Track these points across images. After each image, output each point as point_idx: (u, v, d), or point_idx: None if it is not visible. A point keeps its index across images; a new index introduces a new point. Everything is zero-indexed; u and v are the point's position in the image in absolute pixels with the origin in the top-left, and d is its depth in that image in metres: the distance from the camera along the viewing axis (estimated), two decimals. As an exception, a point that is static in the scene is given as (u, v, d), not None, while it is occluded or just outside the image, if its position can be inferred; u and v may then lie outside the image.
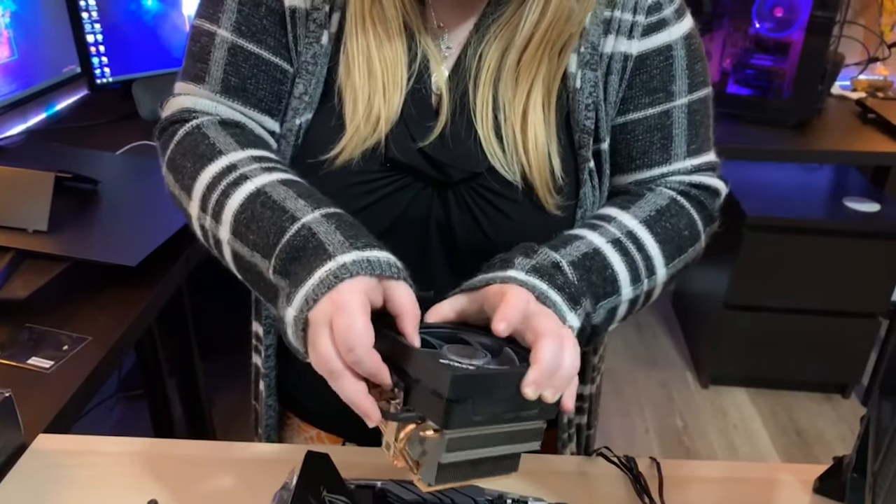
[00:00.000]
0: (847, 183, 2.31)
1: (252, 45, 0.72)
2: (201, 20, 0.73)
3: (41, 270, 1.09)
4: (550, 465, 0.78)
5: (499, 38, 0.71)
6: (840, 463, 0.72)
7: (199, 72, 0.73)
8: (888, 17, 2.29)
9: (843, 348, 2.22)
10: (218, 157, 0.67)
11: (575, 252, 0.66)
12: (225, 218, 0.64)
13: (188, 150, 0.70)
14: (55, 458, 0.76)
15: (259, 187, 0.63)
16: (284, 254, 0.58)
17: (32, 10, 1.68)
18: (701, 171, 0.77)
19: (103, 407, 2.04)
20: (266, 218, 0.61)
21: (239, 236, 0.63)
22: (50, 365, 0.95)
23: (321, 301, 0.54)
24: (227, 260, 0.66)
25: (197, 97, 0.73)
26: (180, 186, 0.69)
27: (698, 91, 0.76)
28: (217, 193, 0.65)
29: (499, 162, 0.71)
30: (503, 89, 0.71)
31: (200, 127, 0.71)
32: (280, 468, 0.70)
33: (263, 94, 0.73)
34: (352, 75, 0.70)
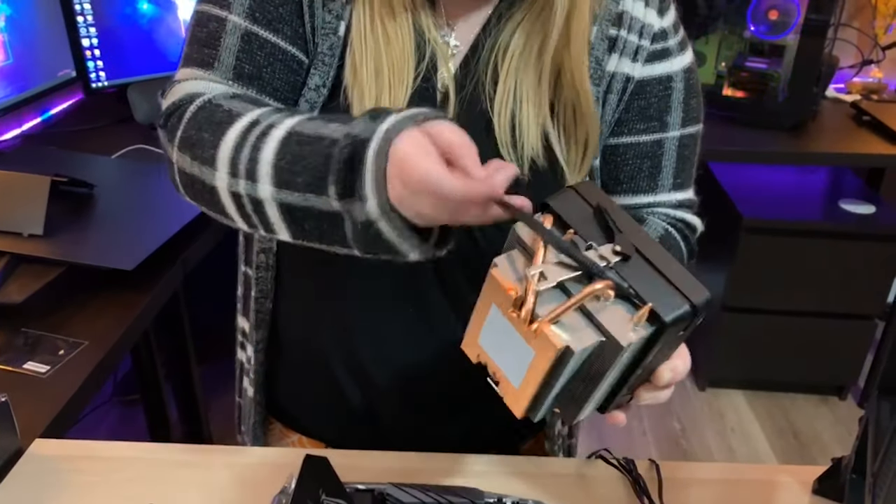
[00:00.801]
0: (842, 185, 2.32)
1: (268, 33, 0.69)
2: (208, 5, 0.70)
3: (37, 275, 1.09)
4: (549, 468, 0.78)
5: (521, 27, 0.70)
6: (839, 464, 0.72)
7: (206, 57, 0.69)
8: (882, 19, 2.30)
9: (840, 350, 2.22)
10: (237, 119, 0.62)
11: None
12: (262, 172, 0.58)
13: (203, 123, 0.64)
14: (52, 462, 0.76)
15: (289, 130, 0.59)
16: (340, 173, 0.54)
17: (28, 13, 1.68)
18: (683, 206, 0.79)
19: (99, 412, 2.03)
20: (307, 153, 0.57)
21: (284, 185, 0.58)
22: (46, 370, 0.95)
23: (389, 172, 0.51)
24: (272, 220, 0.60)
25: (207, 81, 0.69)
26: (200, 161, 0.63)
27: (691, 126, 0.76)
28: (247, 150, 0.59)
29: (508, 154, 0.70)
30: (525, 78, 0.70)
31: (212, 100, 0.65)
32: (278, 472, 0.70)
33: (280, 84, 0.70)
34: (359, 75, 0.69)
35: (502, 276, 0.45)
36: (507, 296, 0.44)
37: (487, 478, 0.75)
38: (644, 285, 0.45)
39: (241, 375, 0.89)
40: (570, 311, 0.43)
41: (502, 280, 0.45)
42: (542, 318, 0.43)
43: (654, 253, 0.47)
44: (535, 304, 0.43)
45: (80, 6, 1.74)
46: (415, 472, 0.75)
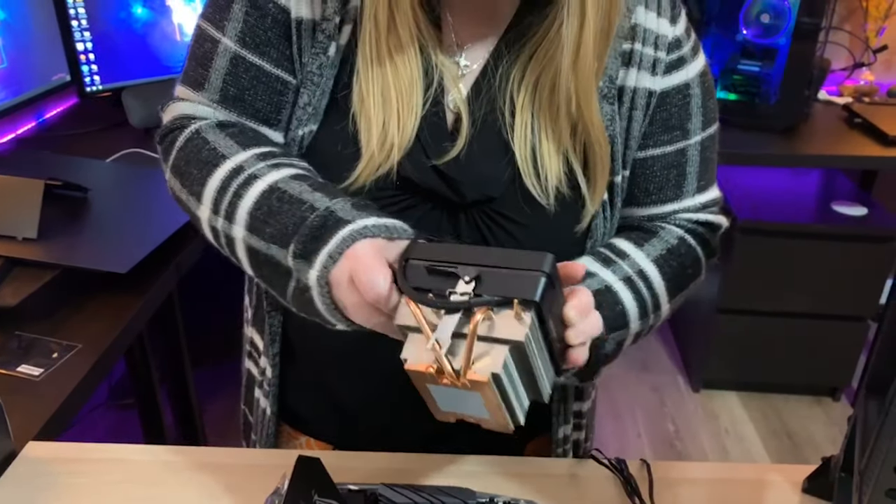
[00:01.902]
0: (835, 187, 2.33)
1: (254, 57, 0.71)
2: (207, 24, 0.72)
3: (31, 278, 1.09)
4: (541, 468, 0.78)
5: (533, 60, 0.69)
6: (828, 463, 0.73)
7: (199, 77, 0.72)
8: (873, 22, 2.32)
9: (833, 351, 2.23)
10: (222, 161, 0.68)
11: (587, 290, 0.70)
12: (239, 216, 0.65)
13: (191, 157, 0.70)
14: (45, 465, 0.76)
15: (271, 184, 0.65)
16: (305, 237, 0.60)
17: (22, 18, 1.68)
18: (707, 208, 0.80)
19: (94, 416, 2.03)
20: (284, 211, 0.63)
21: (255, 231, 0.64)
22: (39, 373, 0.95)
23: (340, 261, 0.57)
24: (239, 256, 0.67)
25: (195, 104, 0.73)
26: (188, 192, 0.70)
27: (710, 127, 0.77)
28: (229, 195, 0.66)
29: (534, 186, 0.70)
30: (542, 113, 0.70)
31: (199, 132, 0.71)
32: (271, 473, 0.70)
33: (261, 105, 0.73)
34: (366, 104, 0.69)
35: (415, 364, 0.52)
36: (430, 375, 0.51)
37: (479, 478, 0.75)
38: (503, 286, 0.51)
39: (252, 386, 0.89)
40: (473, 347, 0.50)
41: (417, 367, 0.51)
42: (462, 369, 0.50)
43: (492, 256, 0.53)
44: (450, 365, 0.50)
45: (74, 10, 1.74)
46: (407, 473, 0.75)
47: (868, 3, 2.30)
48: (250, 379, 0.90)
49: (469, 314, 0.51)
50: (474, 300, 0.51)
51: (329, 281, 0.58)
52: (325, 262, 0.58)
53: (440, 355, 0.50)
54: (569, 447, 0.86)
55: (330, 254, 0.58)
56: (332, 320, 0.61)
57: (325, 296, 0.59)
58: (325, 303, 0.59)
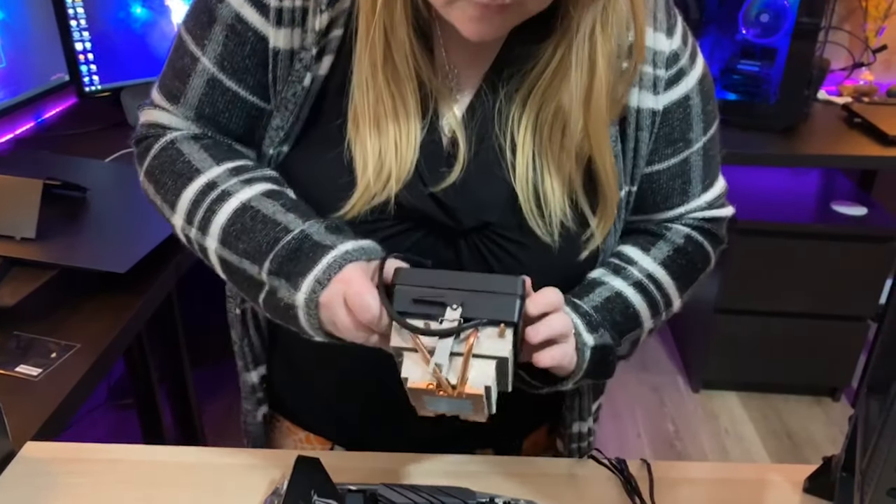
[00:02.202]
0: (834, 187, 2.33)
1: (231, 83, 0.72)
2: (188, 36, 0.72)
3: (29, 278, 1.08)
4: (541, 468, 0.78)
5: (532, 97, 0.68)
6: (829, 462, 0.72)
7: (176, 91, 0.73)
8: (872, 22, 2.31)
9: (833, 351, 2.23)
10: (196, 175, 0.70)
11: (597, 298, 0.72)
12: (212, 230, 0.68)
13: (166, 167, 0.72)
14: (44, 465, 0.75)
15: (244, 202, 0.68)
16: (280, 257, 0.64)
17: (21, 17, 1.68)
18: (712, 205, 0.80)
19: (93, 417, 2.03)
20: (258, 230, 0.66)
21: (228, 245, 0.68)
22: (38, 373, 0.95)
23: (330, 285, 0.61)
24: (211, 262, 0.71)
25: (171, 115, 0.74)
26: (162, 199, 0.73)
27: (710, 129, 0.77)
28: (202, 210, 0.69)
29: (537, 225, 0.70)
30: (544, 151, 0.69)
31: (174, 143, 0.73)
32: (271, 473, 0.70)
33: (235, 127, 0.74)
34: (361, 133, 0.68)
35: (416, 383, 0.58)
36: (429, 390, 0.58)
37: (479, 478, 0.75)
38: (485, 309, 0.59)
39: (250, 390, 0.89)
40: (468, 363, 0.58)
41: (419, 385, 0.58)
42: (459, 383, 0.57)
43: (471, 281, 0.60)
44: (448, 381, 0.57)
45: (73, 10, 1.74)
46: (407, 473, 0.75)
47: (867, 3, 2.30)
48: (246, 384, 0.89)
49: (458, 336, 0.58)
50: (465, 325, 0.58)
51: (319, 303, 0.62)
52: (314, 287, 0.62)
53: (441, 377, 0.57)
54: (585, 444, 0.86)
55: (318, 279, 0.62)
56: (312, 335, 0.65)
57: (313, 316, 0.62)
58: (310, 322, 0.63)
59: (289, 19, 0.68)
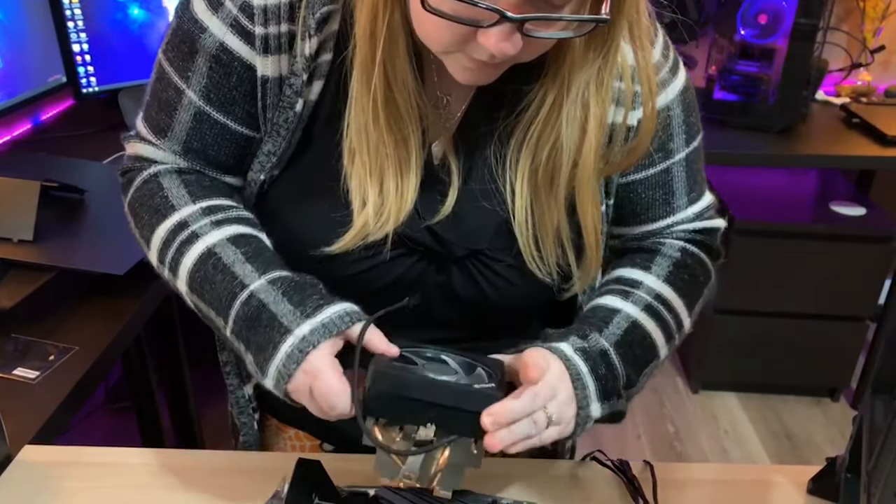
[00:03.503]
0: (833, 187, 2.33)
1: (219, 115, 0.70)
2: (171, 68, 0.70)
3: (27, 280, 1.08)
4: (544, 470, 0.78)
5: (528, 145, 0.68)
6: (833, 464, 0.72)
7: (162, 124, 0.72)
8: (870, 23, 2.32)
9: (832, 352, 2.23)
10: (170, 212, 0.70)
11: (617, 330, 0.71)
12: (181, 274, 0.69)
13: (145, 201, 0.72)
14: (41, 469, 0.75)
15: (209, 247, 0.67)
16: (240, 321, 0.65)
17: (17, 19, 1.67)
18: (701, 217, 0.79)
19: (91, 420, 2.02)
20: (218, 281, 0.66)
21: (195, 292, 0.68)
22: (36, 375, 0.94)
23: (295, 375, 0.61)
24: (187, 305, 0.71)
25: (157, 149, 0.73)
26: (139, 234, 0.73)
27: (694, 141, 0.76)
28: (172, 251, 0.69)
29: (537, 268, 0.70)
30: (540, 199, 0.69)
31: (157, 176, 0.73)
32: (271, 477, 0.69)
33: (225, 158, 0.73)
34: (358, 169, 0.66)
35: (388, 481, 0.61)
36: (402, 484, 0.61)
37: (481, 480, 0.74)
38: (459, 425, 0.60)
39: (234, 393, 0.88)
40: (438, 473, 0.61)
41: (392, 483, 0.61)
42: (429, 487, 0.61)
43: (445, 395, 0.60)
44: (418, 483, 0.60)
45: (70, 11, 1.73)
46: (409, 476, 0.75)
47: (865, 4, 2.30)
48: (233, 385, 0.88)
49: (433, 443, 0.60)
50: (437, 444, 0.60)
51: (287, 390, 0.62)
52: (277, 377, 0.62)
53: (412, 483, 0.60)
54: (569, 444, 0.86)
55: (279, 370, 0.61)
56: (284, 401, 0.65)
57: (281, 394, 0.63)
58: (281, 396, 0.63)
59: (275, 46, 0.67)
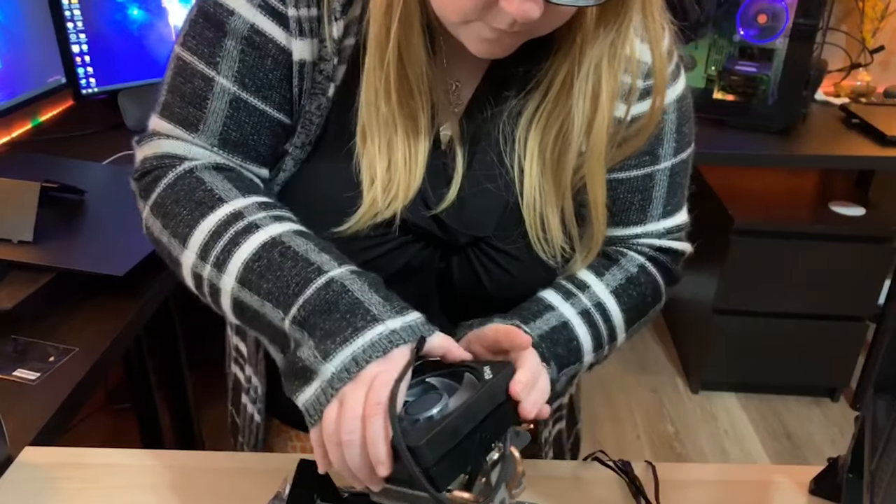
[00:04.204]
0: (832, 187, 2.33)
1: (257, 101, 0.66)
2: (193, 57, 0.66)
3: (27, 281, 1.08)
4: (545, 470, 0.78)
5: (536, 125, 0.68)
6: (835, 464, 0.72)
7: (192, 118, 0.67)
8: (869, 23, 2.32)
9: (832, 352, 2.23)
10: (219, 204, 0.63)
11: (544, 326, 0.69)
12: (231, 267, 0.61)
13: (182, 197, 0.65)
14: (42, 470, 0.75)
15: (274, 237, 0.61)
16: (310, 306, 0.58)
17: (17, 19, 1.67)
18: (671, 234, 0.78)
19: (91, 421, 2.02)
20: (287, 268, 0.59)
21: (248, 285, 0.60)
22: (36, 377, 0.94)
23: (372, 363, 0.55)
24: (223, 307, 0.63)
25: (188, 145, 0.68)
26: (171, 233, 0.65)
27: (683, 153, 0.76)
28: (224, 241, 0.61)
29: (542, 249, 0.70)
30: (547, 182, 0.69)
31: (193, 171, 0.66)
32: (271, 477, 0.69)
33: (263, 150, 0.69)
34: (369, 147, 0.66)
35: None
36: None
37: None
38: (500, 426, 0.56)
39: (239, 390, 0.87)
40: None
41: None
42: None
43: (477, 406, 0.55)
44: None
45: (69, 12, 1.73)
46: (410, 476, 0.74)
47: (864, 4, 2.30)
48: (237, 383, 0.88)
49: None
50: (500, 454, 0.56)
51: (343, 390, 0.54)
52: (349, 363, 0.55)
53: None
54: (550, 439, 0.86)
55: (355, 355, 0.55)
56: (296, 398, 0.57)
57: (328, 394, 0.55)
58: (318, 400, 0.55)
59: (308, 29, 0.65)
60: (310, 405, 0.56)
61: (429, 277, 0.73)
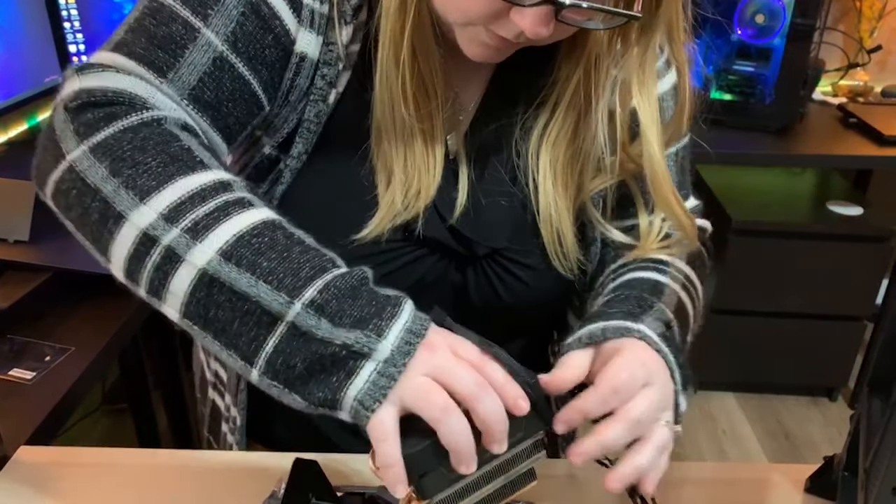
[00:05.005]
0: (830, 187, 2.33)
1: (244, 68, 0.60)
2: (176, 2, 0.58)
3: (23, 281, 1.08)
4: (540, 469, 0.77)
5: (547, 139, 0.68)
6: (831, 462, 0.72)
7: (159, 63, 0.57)
8: (867, 23, 2.32)
9: (830, 351, 2.23)
10: (202, 167, 0.53)
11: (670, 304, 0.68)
12: (215, 237, 0.50)
13: (150, 146, 0.53)
14: (37, 470, 0.74)
15: (274, 220, 0.53)
16: (335, 289, 0.49)
17: (13, 19, 1.67)
18: (694, 213, 0.79)
19: (88, 421, 2.01)
20: (296, 252, 0.51)
21: (238, 260, 0.49)
22: (31, 376, 0.94)
23: (429, 330, 0.50)
24: (171, 283, 0.50)
25: (153, 89, 0.57)
26: (124, 183, 0.51)
27: (684, 139, 0.76)
28: (209, 207, 0.51)
29: (560, 264, 0.70)
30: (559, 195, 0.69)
31: (162, 122, 0.55)
32: (267, 477, 0.69)
33: (233, 121, 0.62)
34: (385, 150, 0.64)
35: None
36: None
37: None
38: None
39: (218, 418, 0.84)
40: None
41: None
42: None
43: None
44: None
45: (66, 12, 1.73)
46: (406, 476, 0.74)
47: (862, 4, 2.31)
48: (215, 411, 0.85)
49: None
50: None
51: (414, 353, 0.49)
52: (407, 336, 0.49)
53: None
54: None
55: (409, 328, 0.49)
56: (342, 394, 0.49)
57: (392, 371, 0.48)
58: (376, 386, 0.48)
59: (318, 25, 0.62)
60: (366, 393, 0.48)
61: (444, 291, 0.72)
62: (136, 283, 0.52)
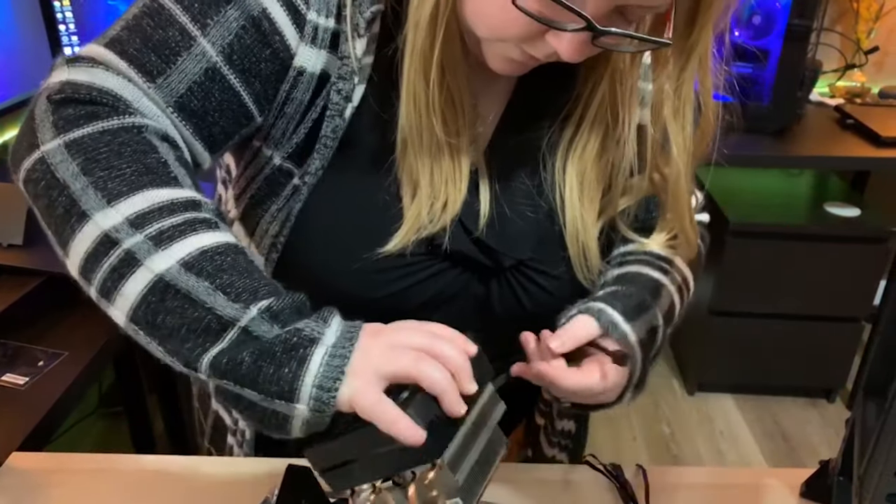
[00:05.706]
0: (827, 188, 2.33)
1: (236, 80, 0.59)
2: (177, 6, 0.58)
3: (16, 285, 1.07)
4: (536, 474, 0.77)
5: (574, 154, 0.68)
6: (826, 466, 0.72)
7: (150, 66, 0.57)
8: (864, 24, 2.32)
9: (828, 353, 2.23)
10: (175, 184, 0.54)
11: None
12: (179, 248, 0.51)
13: (127, 152, 0.53)
14: (30, 476, 0.74)
15: (238, 245, 0.55)
16: (288, 306, 0.52)
17: (8, 23, 1.66)
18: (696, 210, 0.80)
19: (84, 425, 2.01)
20: (256, 275, 0.53)
21: (199, 271, 0.51)
22: (25, 381, 0.94)
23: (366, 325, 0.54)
24: (125, 284, 0.51)
25: (140, 93, 0.57)
26: (93, 183, 0.52)
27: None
28: (176, 221, 0.52)
29: (584, 277, 0.71)
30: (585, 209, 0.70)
31: (143, 131, 0.55)
32: (262, 483, 0.69)
33: (218, 131, 0.61)
34: (408, 159, 0.64)
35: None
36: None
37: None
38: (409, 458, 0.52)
39: (223, 431, 0.83)
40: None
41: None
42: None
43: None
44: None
45: (61, 15, 1.73)
46: (400, 481, 0.74)
47: (859, 5, 2.31)
48: (220, 423, 0.84)
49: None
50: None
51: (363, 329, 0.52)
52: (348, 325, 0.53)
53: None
54: (567, 442, 0.85)
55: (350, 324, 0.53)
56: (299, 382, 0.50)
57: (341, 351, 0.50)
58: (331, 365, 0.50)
59: (321, 40, 0.61)
60: (323, 375, 0.50)
61: (467, 301, 0.71)
62: (88, 283, 0.53)
